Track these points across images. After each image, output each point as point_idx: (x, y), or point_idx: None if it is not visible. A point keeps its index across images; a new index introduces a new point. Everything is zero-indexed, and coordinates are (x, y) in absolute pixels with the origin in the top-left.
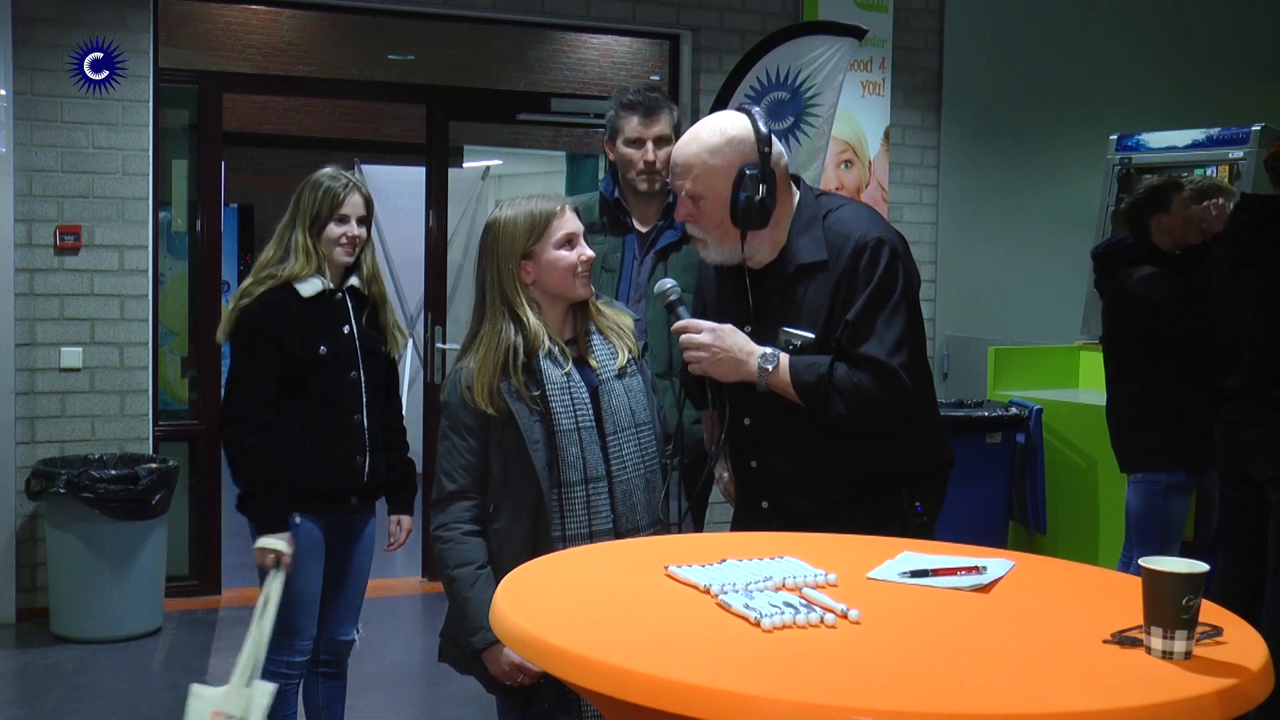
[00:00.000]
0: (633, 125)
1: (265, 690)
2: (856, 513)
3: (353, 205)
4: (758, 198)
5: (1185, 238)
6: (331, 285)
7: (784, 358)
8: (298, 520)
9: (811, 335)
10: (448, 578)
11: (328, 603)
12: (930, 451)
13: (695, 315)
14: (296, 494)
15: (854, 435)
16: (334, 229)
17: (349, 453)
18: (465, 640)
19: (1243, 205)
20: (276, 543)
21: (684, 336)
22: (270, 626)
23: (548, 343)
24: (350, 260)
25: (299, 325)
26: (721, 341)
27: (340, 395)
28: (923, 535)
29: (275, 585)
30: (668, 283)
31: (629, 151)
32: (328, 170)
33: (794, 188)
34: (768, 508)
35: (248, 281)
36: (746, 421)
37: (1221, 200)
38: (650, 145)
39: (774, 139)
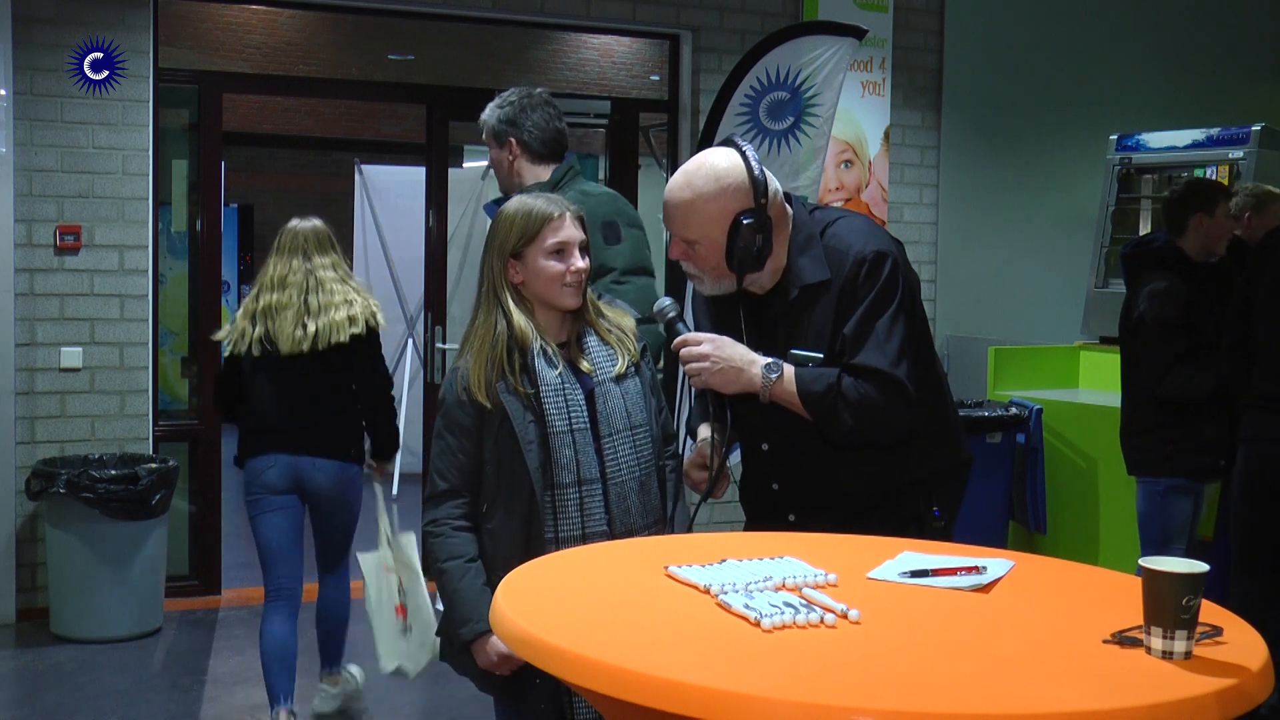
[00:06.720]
0: None
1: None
2: (875, 520)
3: None
4: (755, 248)
5: (1217, 248)
6: None
7: (789, 368)
8: None
9: (820, 355)
10: (438, 570)
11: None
12: (949, 452)
13: None
14: None
15: (867, 447)
16: None
17: None
18: (454, 632)
19: None
20: None
21: (684, 350)
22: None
23: (539, 341)
24: None
25: None
26: (721, 351)
27: None
28: (941, 539)
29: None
30: (665, 300)
31: None
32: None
33: (788, 208)
34: (794, 521)
35: (357, 281)
36: (765, 447)
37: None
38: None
39: (768, 175)
